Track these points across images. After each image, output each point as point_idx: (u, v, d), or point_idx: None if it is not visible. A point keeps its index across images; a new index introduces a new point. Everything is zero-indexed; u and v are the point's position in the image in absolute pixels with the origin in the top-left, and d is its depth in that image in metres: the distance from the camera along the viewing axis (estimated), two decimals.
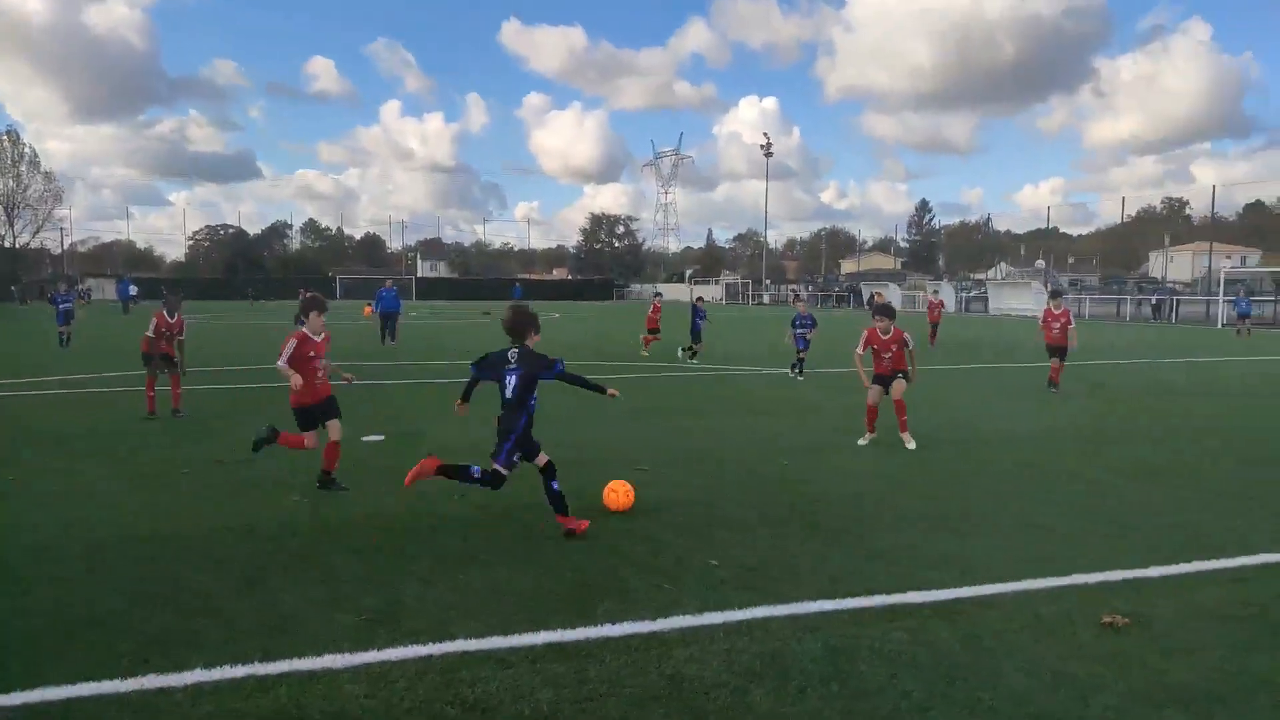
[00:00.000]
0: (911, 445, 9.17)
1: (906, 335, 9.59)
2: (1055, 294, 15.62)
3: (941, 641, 4.23)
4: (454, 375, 16.83)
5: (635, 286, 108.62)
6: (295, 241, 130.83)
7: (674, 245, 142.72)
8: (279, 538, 5.97)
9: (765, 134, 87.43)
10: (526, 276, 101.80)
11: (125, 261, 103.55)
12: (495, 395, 6.31)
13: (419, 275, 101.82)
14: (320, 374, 7.44)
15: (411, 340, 25.91)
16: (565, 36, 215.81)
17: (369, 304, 52.58)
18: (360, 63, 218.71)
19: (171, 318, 11.89)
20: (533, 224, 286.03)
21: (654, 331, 22.26)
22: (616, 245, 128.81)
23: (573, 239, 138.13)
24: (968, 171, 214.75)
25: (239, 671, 3.94)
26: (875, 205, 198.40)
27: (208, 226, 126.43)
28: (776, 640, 4.25)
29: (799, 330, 16.87)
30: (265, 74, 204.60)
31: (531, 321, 6.30)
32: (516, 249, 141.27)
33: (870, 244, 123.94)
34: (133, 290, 53.68)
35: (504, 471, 6.08)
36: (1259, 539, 5.90)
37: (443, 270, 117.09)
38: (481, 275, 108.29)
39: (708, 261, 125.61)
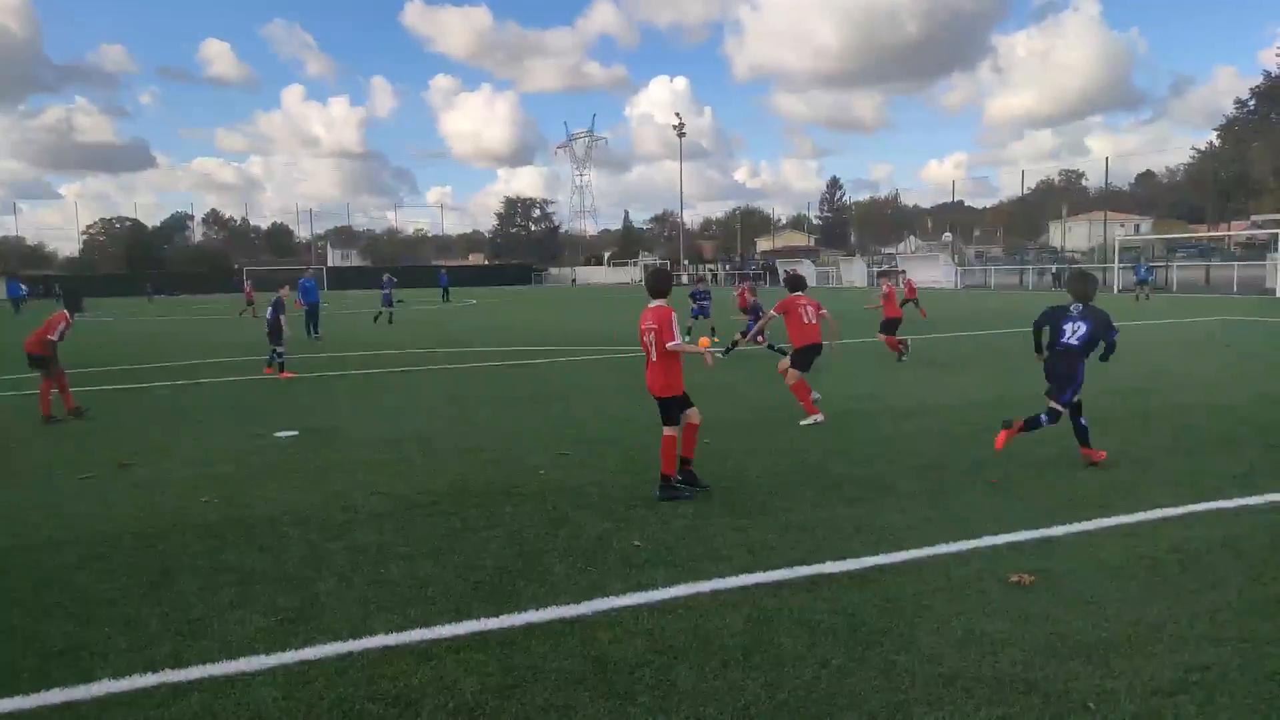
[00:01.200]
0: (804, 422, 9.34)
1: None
2: (885, 273, 16.68)
3: (858, 608, 4.35)
4: (372, 366, 16.45)
5: (554, 271, 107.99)
6: (198, 233, 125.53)
7: (591, 228, 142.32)
8: (187, 539, 5.75)
9: (677, 114, 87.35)
10: (442, 263, 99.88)
11: (16, 259, 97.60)
12: (416, 388, 6.16)
13: (330, 265, 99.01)
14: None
15: (324, 332, 25.19)
16: (470, 17, 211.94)
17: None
18: (257, 45, 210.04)
19: (72, 318, 11.25)
20: (446, 209, 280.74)
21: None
22: (533, 229, 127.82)
23: (488, 223, 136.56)
24: (875, 148, 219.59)
25: (149, 680, 3.79)
26: (787, 183, 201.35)
27: (102, 220, 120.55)
28: (699, 616, 4.30)
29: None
30: (156, 58, 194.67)
31: (1095, 284, 7.46)
32: (431, 234, 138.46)
33: (784, 222, 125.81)
34: (23, 290, 50.70)
35: (1061, 410, 7.13)
36: (1150, 494, 6.22)
37: (355, 259, 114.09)
38: (396, 263, 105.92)
39: (625, 243, 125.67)
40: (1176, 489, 6.35)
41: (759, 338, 14.17)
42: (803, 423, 9.35)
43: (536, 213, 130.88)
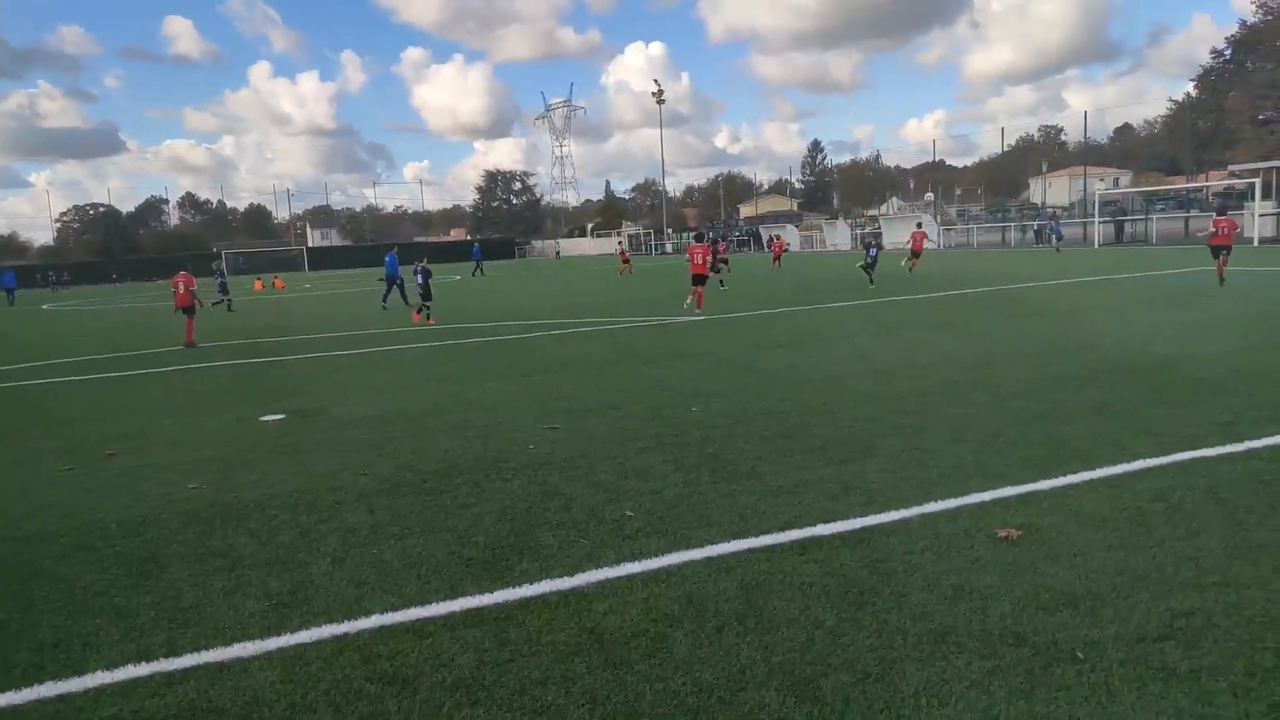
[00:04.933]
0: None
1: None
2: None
3: (850, 569, 4.39)
4: (355, 346, 16.36)
5: (537, 243, 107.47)
6: (174, 217, 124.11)
7: (573, 199, 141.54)
8: (175, 527, 5.73)
9: (656, 80, 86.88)
10: (424, 239, 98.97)
11: None
12: (404, 365, 6.12)
13: (310, 245, 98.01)
14: None
15: (305, 312, 25.02)
16: None
17: (259, 278, 51.11)
18: (220, 22, 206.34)
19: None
20: (425, 184, 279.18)
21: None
22: (514, 202, 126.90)
23: (468, 198, 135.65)
24: (855, 109, 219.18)
25: (143, 669, 3.78)
26: (769, 147, 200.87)
27: (75, 207, 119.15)
28: (693, 584, 4.33)
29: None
30: (118, 38, 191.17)
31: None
32: (411, 211, 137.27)
33: (766, 187, 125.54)
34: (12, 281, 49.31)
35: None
36: (1133, 446, 6.29)
37: (335, 238, 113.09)
38: (376, 240, 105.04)
39: (608, 213, 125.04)
40: (1159, 440, 6.41)
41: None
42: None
43: (517, 185, 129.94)
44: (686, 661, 3.57)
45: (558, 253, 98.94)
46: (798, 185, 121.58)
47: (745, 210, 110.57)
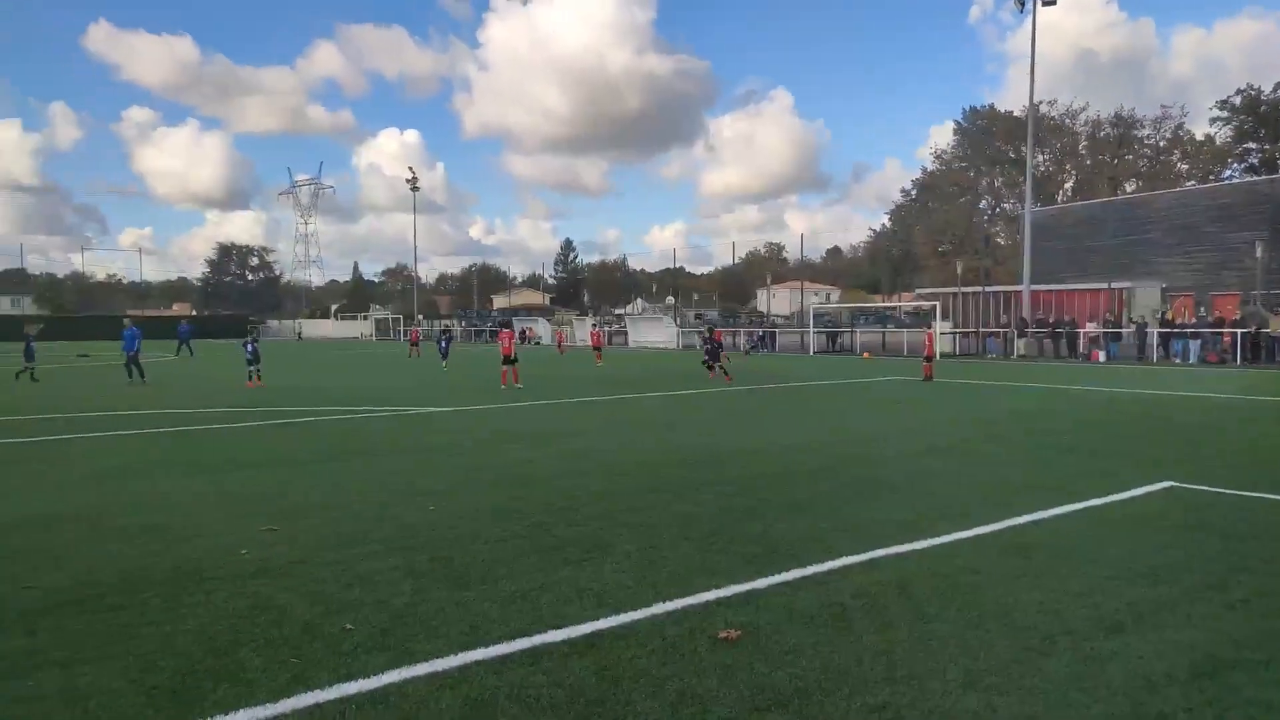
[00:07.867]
0: None
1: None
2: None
3: (578, 678, 4.33)
4: (27, 433, 14.17)
5: (274, 323, 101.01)
6: None
7: (317, 278, 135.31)
8: None
9: (410, 167, 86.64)
10: (139, 313, 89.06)
11: None
12: (81, 456, 5.34)
13: None
14: None
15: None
16: (170, 46, 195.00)
17: None
18: None
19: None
20: (145, 253, 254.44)
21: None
22: (250, 278, 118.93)
23: (196, 271, 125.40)
24: (604, 213, 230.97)
25: None
26: (523, 242, 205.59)
27: None
28: (412, 703, 4.05)
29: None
30: None
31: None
32: (125, 281, 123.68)
33: (520, 280, 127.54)
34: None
35: None
36: (836, 543, 6.85)
37: (28, 306, 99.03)
38: (75, 312, 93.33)
39: (356, 295, 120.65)
40: (856, 537, 7.04)
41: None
42: None
43: (254, 261, 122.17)
44: None
45: (299, 334, 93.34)
46: (551, 280, 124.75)
47: (499, 301, 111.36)
